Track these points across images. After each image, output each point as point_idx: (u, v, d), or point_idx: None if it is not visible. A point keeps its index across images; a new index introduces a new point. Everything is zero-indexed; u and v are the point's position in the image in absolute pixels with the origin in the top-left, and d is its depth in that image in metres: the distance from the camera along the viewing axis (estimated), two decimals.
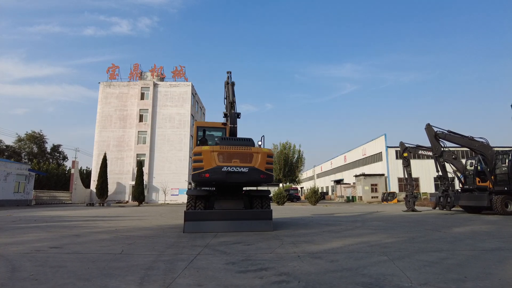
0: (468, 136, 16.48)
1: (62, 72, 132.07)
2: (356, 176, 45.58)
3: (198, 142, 9.37)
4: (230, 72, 11.77)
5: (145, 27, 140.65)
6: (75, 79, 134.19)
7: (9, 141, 69.02)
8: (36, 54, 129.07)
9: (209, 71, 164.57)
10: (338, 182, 56.89)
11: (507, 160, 14.96)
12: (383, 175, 42.73)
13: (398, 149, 22.64)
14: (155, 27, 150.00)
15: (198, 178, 8.01)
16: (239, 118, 10.25)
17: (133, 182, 37.84)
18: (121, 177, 41.25)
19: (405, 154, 19.74)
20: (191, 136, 44.34)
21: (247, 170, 8.00)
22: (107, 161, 36.74)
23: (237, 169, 7.99)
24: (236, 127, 9.61)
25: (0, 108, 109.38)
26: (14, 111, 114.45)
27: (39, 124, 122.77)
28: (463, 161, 18.58)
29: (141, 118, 42.85)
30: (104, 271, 4.14)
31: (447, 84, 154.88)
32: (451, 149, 20.05)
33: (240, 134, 11.44)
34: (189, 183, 36.26)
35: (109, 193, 37.13)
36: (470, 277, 3.79)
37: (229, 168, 7.97)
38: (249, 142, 8.60)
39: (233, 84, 11.23)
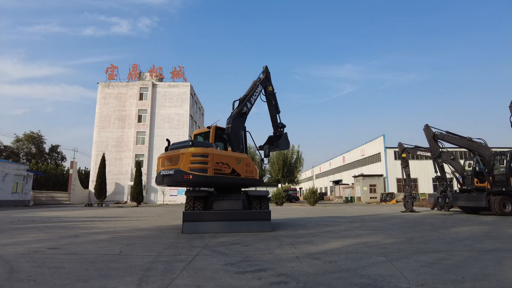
0: (466, 137, 16.52)
1: (62, 72, 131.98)
2: (354, 176, 45.62)
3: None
4: (264, 67, 11.51)
5: (145, 27, 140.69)
6: (74, 79, 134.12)
7: (7, 141, 68.87)
8: (36, 54, 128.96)
9: (209, 71, 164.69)
10: (337, 182, 56.90)
11: (505, 161, 15.00)
12: (381, 175, 42.78)
13: (397, 149, 22.66)
14: (155, 27, 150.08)
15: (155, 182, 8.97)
16: (246, 115, 10.01)
17: (132, 183, 37.76)
18: (120, 177, 41.17)
19: (404, 155, 19.78)
20: (190, 136, 44.30)
21: (173, 172, 8.23)
22: (106, 162, 36.67)
23: (167, 172, 8.39)
24: (229, 127, 9.53)
25: None
26: (13, 112, 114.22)
27: (38, 125, 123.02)
28: (462, 161, 18.62)
29: (139, 119, 42.80)
30: (102, 272, 4.13)
31: (447, 84, 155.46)
32: (449, 149, 20.11)
33: None
34: None
35: (107, 194, 37.06)
36: (468, 277, 3.80)
37: (163, 171, 8.54)
38: (184, 144, 8.68)
39: (258, 79, 10.97)
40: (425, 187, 40.76)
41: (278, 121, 11.69)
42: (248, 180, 9.21)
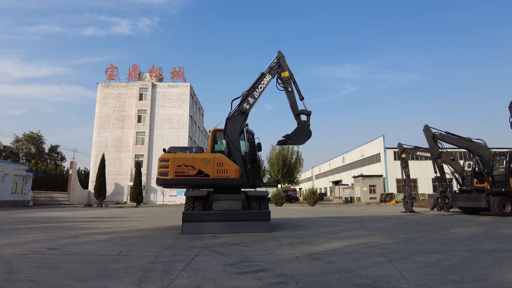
0: (465, 138, 16.54)
1: (62, 72, 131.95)
2: (354, 177, 45.62)
3: None
4: (278, 52, 10.26)
5: (145, 27, 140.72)
6: (74, 79, 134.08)
7: (7, 141, 68.82)
8: (35, 54, 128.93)
9: (209, 71, 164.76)
10: (337, 183, 56.93)
11: (504, 162, 15.00)
12: (381, 176, 42.78)
13: (397, 150, 22.64)
14: (156, 27, 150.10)
15: None
16: (247, 112, 9.67)
17: (131, 183, 37.78)
18: (119, 178, 41.16)
19: (403, 155, 19.78)
20: (190, 137, 44.34)
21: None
22: (105, 162, 36.66)
23: None
24: (225, 127, 9.57)
25: None
26: (13, 112, 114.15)
27: (37, 125, 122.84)
28: (461, 162, 18.64)
29: (139, 119, 42.81)
30: (102, 272, 4.13)
31: (447, 84, 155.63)
32: (449, 150, 20.13)
33: None
34: None
35: (107, 194, 37.03)
36: (467, 278, 3.80)
37: None
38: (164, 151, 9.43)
39: (267, 70, 10.11)
40: (425, 187, 40.77)
41: (302, 109, 10.15)
42: (221, 180, 8.84)
